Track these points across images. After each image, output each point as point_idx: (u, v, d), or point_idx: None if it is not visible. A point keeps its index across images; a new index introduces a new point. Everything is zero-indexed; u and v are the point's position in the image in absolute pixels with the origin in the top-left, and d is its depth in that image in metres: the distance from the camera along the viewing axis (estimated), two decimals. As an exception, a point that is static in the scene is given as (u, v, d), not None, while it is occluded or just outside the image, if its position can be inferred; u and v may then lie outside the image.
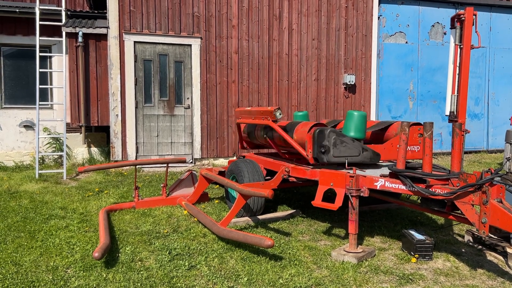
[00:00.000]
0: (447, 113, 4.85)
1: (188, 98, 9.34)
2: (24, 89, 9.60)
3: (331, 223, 5.22)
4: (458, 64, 4.70)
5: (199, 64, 9.29)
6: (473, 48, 4.72)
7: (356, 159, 4.65)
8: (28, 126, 9.50)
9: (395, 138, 4.96)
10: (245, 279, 3.58)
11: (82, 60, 8.99)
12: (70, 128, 9.30)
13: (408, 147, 4.93)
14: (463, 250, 4.34)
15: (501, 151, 11.29)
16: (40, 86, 8.45)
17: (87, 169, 5.84)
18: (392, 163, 4.38)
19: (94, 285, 3.45)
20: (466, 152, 10.97)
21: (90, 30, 8.92)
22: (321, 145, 4.55)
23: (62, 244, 4.35)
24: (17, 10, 8.95)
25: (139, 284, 3.47)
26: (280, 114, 5.07)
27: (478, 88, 11.35)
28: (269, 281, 3.54)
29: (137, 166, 8.60)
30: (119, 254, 4.09)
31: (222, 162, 9.55)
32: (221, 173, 6.06)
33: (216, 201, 6.25)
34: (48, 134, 9.39)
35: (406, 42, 10.76)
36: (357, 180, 4.11)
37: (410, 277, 3.68)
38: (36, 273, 3.67)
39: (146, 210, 5.65)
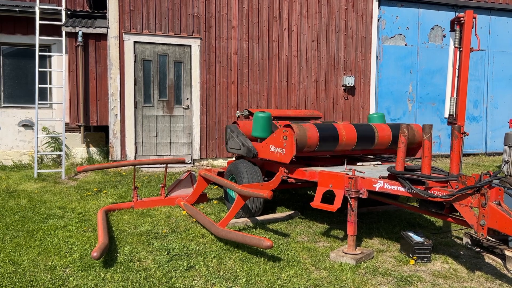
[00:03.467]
0: (447, 115, 4.88)
1: (187, 99, 9.34)
2: (23, 88, 9.59)
3: (329, 225, 5.23)
4: (457, 67, 4.72)
5: (199, 65, 9.29)
6: (472, 51, 4.74)
7: (239, 151, 5.57)
8: (27, 125, 9.49)
9: (268, 139, 5.14)
10: (244, 280, 3.57)
11: (82, 60, 8.98)
12: (69, 128, 9.29)
13: (277, 148, 4.94)
14: (461, 252, 4.35)
15: (500, 154, 11.32)
16: (40, 86, 8.44)
17: (86, 169, 5.83)
18: (391, 165, 4.38)
19: (93, 285, 3.45)
20: (464, 155, 10.99)
21: (90, 30, 8.92)
22: (225, 137, 5.97)
23: (61, 244, 4.34)
24: (17, 9, 8.95)
25: (137, 284, 3.47)
26: (237, 115, 6.49)
27: (477, 91, 11.38)
28: (268, 282, 3.54)
29: (136, 166, 8.59)
30: (118, 254, 4.08)
31: (221, 162, 9.55)
32: (220, 174, 6.06)
33: (215, 201, 6.25)
34: (47, 134, 9.38)
35: (406, 45, 10.78)
36: (356, 181, 4.12)
37: (408, 279, 3.68)
38: (34, 273, 3.66)
39: (144, 210, 5.65)
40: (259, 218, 5.23)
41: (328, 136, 4.74)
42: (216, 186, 7.02)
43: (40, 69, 8.59)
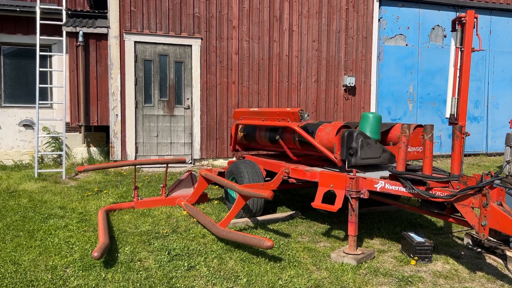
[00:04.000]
0: (448, 115, 4.87)
1: (188, 99, 9.34)
2: (24, 88, 9.59)
3: (330, 225, 5.22)
4: (458, 67, 4.71)
5: (199, 65, 9.29)
6: (473, 51, 4.73)
7: (377, 160, 4.61)
8: (28, 125, 9.49)
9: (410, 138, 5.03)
10: (244, 280, 3.57)
11: (82, 60, 8.98)
12: (69, 128, 9.29)
13: (413, 148, 5.00)
14: (462, 252, 4.34)
15: (500, 154, 11.30)
16: (40, 85, 8.44)
17: (87, 169, 5.83)
18: (392, 165, 4.38)
19: (93, 284, 3.44)
20: (465, 155, 10.97)
21: (91, 30, 8.92)
22: (350, 147, 4.45)
23: (61, 244, 4.34)
24: (18, 9, 8.95)
25: (138, 284, 3.46)
26: (308, 116, 5.05)
27: (478, 91, 11.37)
28: (268, 282, 3.54)
29: (137, 166, 8.59)
30: (118, 254, 4.08)
31: (222, 162, 9.55)
32: (220, 174, 6.06)
33: (216, 201, 6.25)
34: (48, 134, 9.38)
35: (406, 45, 10.77)
36: (357, 182, 4.11)
37: (409, 279, 3.68)
38: (35, 273, 3.66)
39: (145, 210, 5.64)
40: (259, 218, 5.22)
41: None
42: (217, 186, 7.02)
43: (41, 69, 8.59)
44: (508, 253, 3.98)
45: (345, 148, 4.49)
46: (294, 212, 5.54)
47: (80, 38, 8.85)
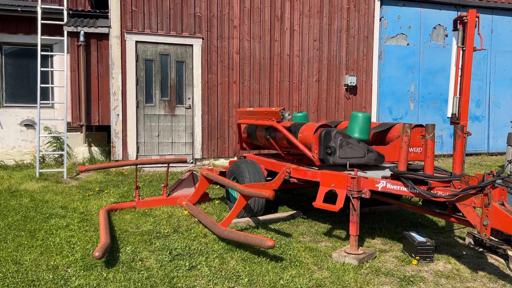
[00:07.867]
0: (449, 115, 4.86)
1: (189, 98, 9.33)
2: (25, 88, 9.59)
3: (331, 224, 5.22)
4: (460, 66, 4.70)
5: (201, 64, 9.28)
6: (475, 50, 4.72)
7: (361, 160, 4.62)
8: (29, 125, 9.50)
9: (397, 140, 4.96)
10: (246, 280, 3.57)
11: (84, 60, 8.99)
12: (71, 127, 9.30)
13: (410, 148, 4.94)
14: (464, 252, 4.34)
15: (502, 154, 11.29)
16: (41, 85, 8.44)
17: (88, 169, 5.83)
18: (394, 165, 4.37)
19: (95, 284, 3.45)
20: (466, 155, 10.96)
21: (92, 30, 8.92)
22: (327, 146, 4.52)
23: (63, 243, 4.34)
24: (19, 9, 8.95)
25: (139, 284, 3.46)
26: (288, 115, 5.04)
27: (479, 91, 11.35)
28: (270, 282, 3.53)
29: (138, 166, 8.59)
30: (120, 254, 4.08)
31: (223, 162, 9.55)
32: (222, 174, 6.06)
33: (217, 201, 6.25)
34: (49, 133, 9.39)
35: (408, 44, 10.76)
36: (358, 181, 4.11)
37: (411, 279, 3.67)
38: (37, 272, 3.66)
39: (146, 210, 5.64)
40: (261, 218, 5.22)
41: None
42: (218, 186, 7.02)
43: (42, 69, 8.59)
44: (510, 252, 3.98)
45: (322, 147, 4.55)
46: (295, 211, 5.54)
47: (81, 38, 8.85)
